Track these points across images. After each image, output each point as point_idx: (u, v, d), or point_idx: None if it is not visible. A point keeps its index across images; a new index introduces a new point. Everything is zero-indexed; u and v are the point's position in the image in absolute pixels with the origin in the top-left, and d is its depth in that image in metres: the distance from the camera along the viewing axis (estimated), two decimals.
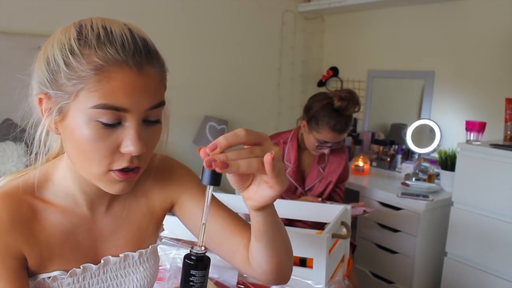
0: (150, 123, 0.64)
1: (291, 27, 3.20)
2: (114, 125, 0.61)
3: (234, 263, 0.81)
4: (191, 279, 0.59)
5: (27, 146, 2.13)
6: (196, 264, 0.60)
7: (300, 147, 1.89)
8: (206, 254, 0.61)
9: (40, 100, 0.64)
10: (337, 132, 1.76)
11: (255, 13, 3.00)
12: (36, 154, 0.67)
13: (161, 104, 0.64)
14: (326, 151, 1.80)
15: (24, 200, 0.67)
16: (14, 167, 1.91)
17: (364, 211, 1.74)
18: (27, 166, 1.92)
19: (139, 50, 0.60)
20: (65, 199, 0.70)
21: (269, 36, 3.10)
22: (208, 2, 2.77)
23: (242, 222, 0.82)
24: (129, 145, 0.61)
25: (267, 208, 0.67)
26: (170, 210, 0.84)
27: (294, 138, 1.88)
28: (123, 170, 0.63)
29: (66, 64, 0.59)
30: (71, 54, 0.59)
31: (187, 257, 0.61)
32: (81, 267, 0.70)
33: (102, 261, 0.73)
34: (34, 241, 0.66)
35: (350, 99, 1.74)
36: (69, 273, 0.69)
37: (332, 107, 1.76)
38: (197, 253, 0.60)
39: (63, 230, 0.69)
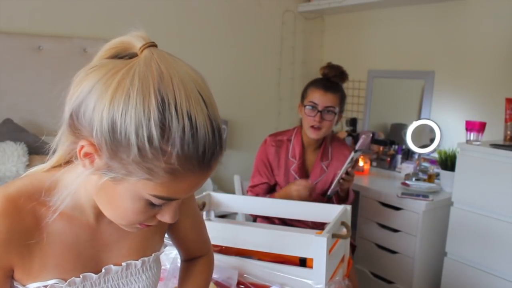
0: None
1: (291, 27, 3.20)
2: (160, 205, 0.61)
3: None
4: None
5: (27, 146, 2.11)
6: None
7: (304, 144, 1.89)
8: None
9: (83, 147, 0.57)
10: (322, 89, 1.78)
11: (255, 13, 3.00)
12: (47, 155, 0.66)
13: None
14: (316, 118, 1.76)
15: (27, 206, 0.64)
16: (14, 167, 1.91)
17: (366, 136, 1.75)
18: (27, 166, 1.92)
19: (215, 154, 0.57)
20: (72, 208, 0.67)
21: (269, 36, 3.10)
22: (208, 2, 2.77)
23: (198, 246, 0.95)
24: (167, 218, 0.63)
25: None
26: None
27: (298, 135, 1.89)
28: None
29: (139, 149, 0.53)
30: (149, 144, 0.52)
31: None
32: (80, 276, 0.68)
33: (103, 270, 0.71)
34: (27, 252, 0.64)
35: (331, 64, 1.86)
36: (67, 282, 0.67)
37: (318, 78, 1.87)
38: None
39: (64, 239, 0.67)
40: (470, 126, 2.03)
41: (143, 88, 0.53)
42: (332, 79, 1.83)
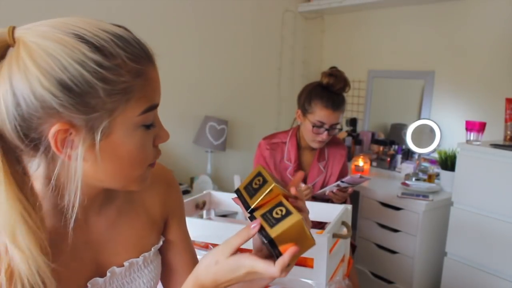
0: None
1: (291, 27, 3.20)
2: (152, 124, 0.62)
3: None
4: None
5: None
6: None
7: (300, 146, 1.89)
8: None
9: (58, 132, 0.54)
10: (331, 109, 1.74)
11: (255, 13, 3.00)
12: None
13: None
14: (323, 135, 1.76)
15: None
16: None
17: (361, 176, 1.70)
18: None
19: (147, 46, 0.61)
20: (52, 217, 0.63)
21: (269, 36, 3.10)
22: (208, 3, 2.77)
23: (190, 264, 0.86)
24: (163, 134, 0.65)
25: None
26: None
27: (293, 137, 1.88)
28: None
29: (101, 79, 0.53)
30: (102, 68, 0.53)
31: None
32: (88, 284, 0.67)
33: (108, 273, 0.70)
34: None
35: (336, 74, 1.77)
36: None
37: (321, 87, 1.78)
38: None
39: (64, 249, 0.64)
40: (470, 126, 2.03)
41: (56, 39, 0.53)
42: (337, 91, 1.77)
